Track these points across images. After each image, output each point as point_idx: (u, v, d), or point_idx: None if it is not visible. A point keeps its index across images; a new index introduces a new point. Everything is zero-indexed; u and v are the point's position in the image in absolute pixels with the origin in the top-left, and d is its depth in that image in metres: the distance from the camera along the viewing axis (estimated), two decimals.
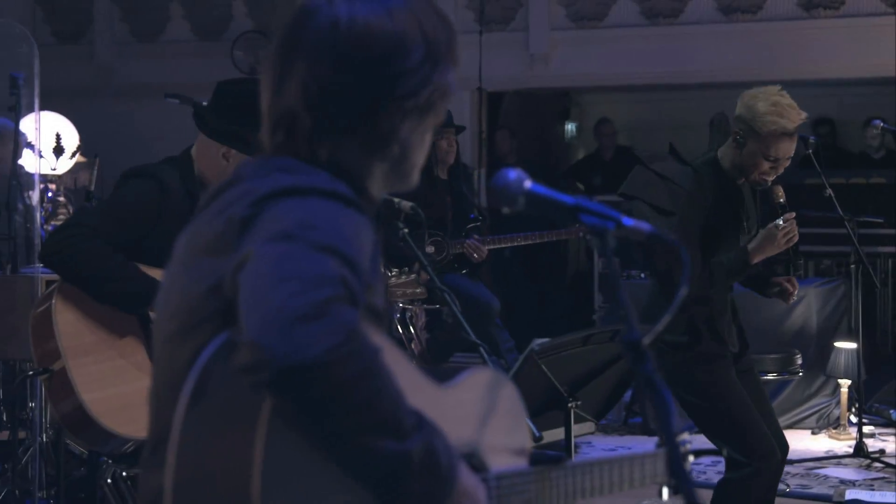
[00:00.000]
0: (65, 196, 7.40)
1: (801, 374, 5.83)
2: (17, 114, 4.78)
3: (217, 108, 3.41)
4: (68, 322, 3.24)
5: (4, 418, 5.01)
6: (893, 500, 5.45)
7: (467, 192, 6.84)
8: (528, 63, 9.45)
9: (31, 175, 5.61)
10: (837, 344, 6.80)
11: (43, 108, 5.59)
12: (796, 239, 3.88)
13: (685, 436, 2.24)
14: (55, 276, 4.44)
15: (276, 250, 1.56)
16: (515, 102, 10.04)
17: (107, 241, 3.26)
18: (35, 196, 5.29)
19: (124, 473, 3.52)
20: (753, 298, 4.34)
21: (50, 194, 6.30)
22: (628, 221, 1.79)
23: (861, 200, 7.95)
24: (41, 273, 4.47)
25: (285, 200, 1.64)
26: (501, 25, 9.48)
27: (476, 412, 1.80)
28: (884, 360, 8.11)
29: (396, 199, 4.10)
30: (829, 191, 5.48)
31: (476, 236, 6.41)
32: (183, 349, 1.69)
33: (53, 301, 3.25)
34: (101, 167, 5.17)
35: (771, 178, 3.96)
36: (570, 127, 11.68)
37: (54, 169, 6.38)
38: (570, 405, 3.11)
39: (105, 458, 3.47)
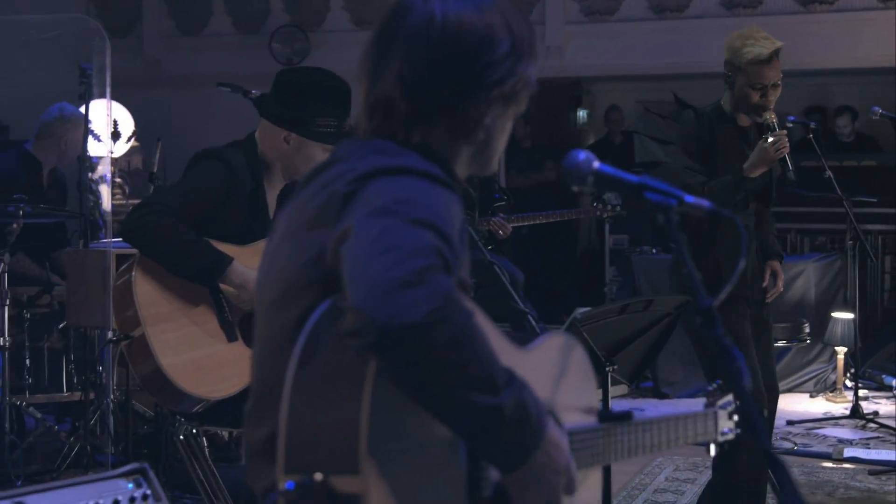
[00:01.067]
0: (120, 177, 7.43)
1: (808, 341, 5.85)
2: (86, 102, 4.79)
3: (278, 95, 3.43)
4: (147, 293, 3.26)
5: (75, 381, 5.04)
6: (889, 458, 5.45)
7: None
8: (543, 54, 9.40)
9: (91, 158, 5.64)
10: (835, 314, 6.80)
11: (101, 96, 5.61)
12: (786, 150, 3.87)
13: (729, 397, 2.26)
14: (125, 251, 4.48)
15: (377, 224, 1.57)
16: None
17: (180, 218, 3.27)
18: (106, 176, 5.31)
19: (194, 431, 3.54)
20: None
21: (107, 176, 6.32)
22: (689, 198, 1.80)
23: (853, 182, 7.93)
24: (113, 247, 4.50)
25: (383, 179, 1.66)
26: None
27: (551, 373, 1.81)
28: (874, 329, 8.11)
29: None
30: (829, 172, 5.46)
31: (502, 214, 6.41)
32: (286, 313, 1.71)
33: (133, 273, 3.26)
34: (163, 150, 5.17)
35: (767, 107, 3.95)
36: (581, 114, 11.63)
37: (111, 152, 6.40)
38: (607, 369, 3.11)
39: (178, 417, 3.48)
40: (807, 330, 5.63)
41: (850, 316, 6.59)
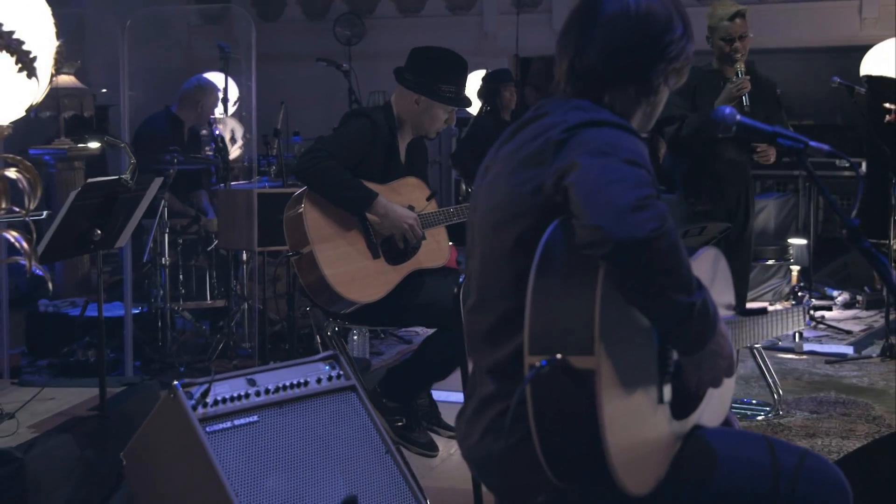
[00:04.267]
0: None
1: (791, 260, 5.89)
2: (225, 74, 4.74)
3: (411, 67, 3.42)
4: (314, 219, 3.27)
5: (216, 292, 5.06)
6: (839, 350, 5.56)
7: None
8: (551, 35, 9.29)
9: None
10: (791, 240, 6.84)
11: (203, 70, 5.56)
12: (747, 90, 3.99)
13: (807, 296, 2.29)
14: (263, 190, 4.47)
15: (599, 162, 1.58)
16: (541, 65, 9.93)
17: (339, 161, 3.27)
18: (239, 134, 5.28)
19: (336, 329, 3.57)
20: None
21: (217, 132, 6.28)
22: (813, 143, 1.82)
23: None
24: (256, 187, 4.49)
25: (591, 129, 1.66)
26: (532, 7, 9.37)
27: (707, 277, 1.83)
28: (813, 252, 8.15)
29: None
30: (791, 130, 5.44)
31: None
32: (508, 232, 1.72)
33: (303, 204, 3.27)
34: (286, 111, 5.14)
35: (740, 56, 4.10)
36: None
37: (223, 113, 6.35)
38: None
39: (328, 317, 3.51)
40: (791, 251, 5.68)
41: (803, 241, 6.64)
